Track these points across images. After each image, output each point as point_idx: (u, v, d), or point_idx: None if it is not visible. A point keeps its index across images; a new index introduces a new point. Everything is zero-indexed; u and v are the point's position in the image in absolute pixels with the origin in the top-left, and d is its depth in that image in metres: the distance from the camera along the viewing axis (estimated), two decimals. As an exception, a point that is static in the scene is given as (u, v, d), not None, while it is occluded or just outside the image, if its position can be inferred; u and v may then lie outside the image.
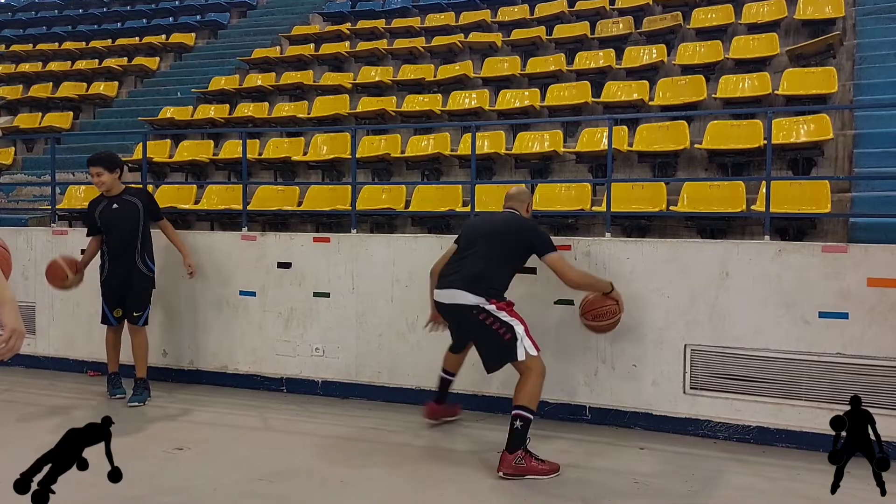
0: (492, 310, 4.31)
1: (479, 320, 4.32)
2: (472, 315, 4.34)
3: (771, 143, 5.21)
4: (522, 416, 4.15)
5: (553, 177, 7.33)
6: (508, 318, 4.32)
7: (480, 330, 4.35)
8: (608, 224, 5.35)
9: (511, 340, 4.27)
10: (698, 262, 4.88)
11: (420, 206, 7.12)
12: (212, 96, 10.22)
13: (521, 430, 4.13)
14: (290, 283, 6.00)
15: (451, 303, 4.42)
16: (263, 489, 3.95)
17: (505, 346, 4.28)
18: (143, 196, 5.83)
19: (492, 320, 4.30)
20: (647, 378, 5.01)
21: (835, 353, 4.57)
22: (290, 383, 6.04)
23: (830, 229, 5.91)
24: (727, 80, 7.51)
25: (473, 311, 4.33)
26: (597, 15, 9.86)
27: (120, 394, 5.80)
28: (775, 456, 4.54)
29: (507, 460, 4.11)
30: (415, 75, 9.42)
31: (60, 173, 8.48)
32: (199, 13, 13.94)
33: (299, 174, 8.41)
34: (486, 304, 4.31)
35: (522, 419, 4.14)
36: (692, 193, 6.31)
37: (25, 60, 12.94)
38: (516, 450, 4.11)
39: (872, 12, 8.16)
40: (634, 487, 4.03)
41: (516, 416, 4.15)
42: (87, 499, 3.59)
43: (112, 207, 5.65)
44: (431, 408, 5.08)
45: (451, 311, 4.48)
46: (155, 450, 4.45)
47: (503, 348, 4.29)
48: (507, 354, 4.30)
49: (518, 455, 4.11)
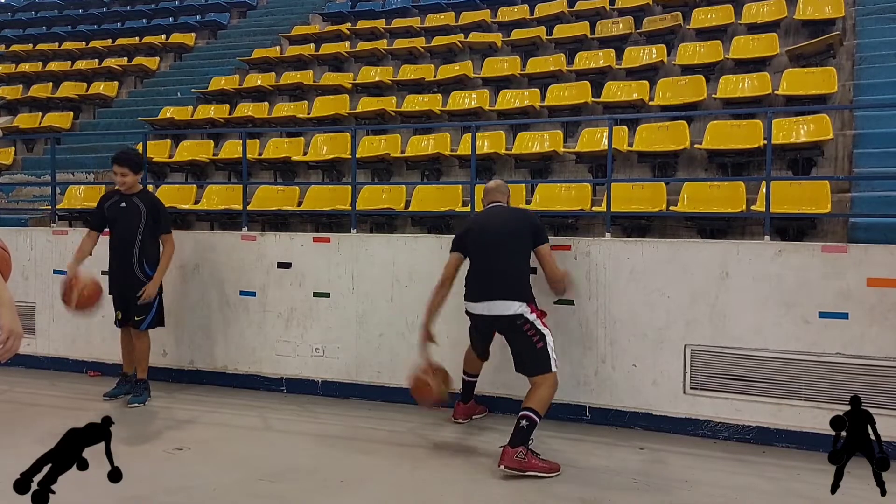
0: (532, 318, 4.39)
1: (522, 329, 4.38)
2: (515, 325, 4.40)
3: (771, 143, 5.22)
4: (529, 418, 4.19)
5: (553, 177, 7.33)
6: (542, 327, 4.40)
7: (520, 337, 4.41)
8: (608, 224, 5.35)
9: (543, 350, 4.35)
10: (698, 262, 4.88)
11: (420, 206, 7.12)
12: (212, 96, 10.23)
13: (525, 429, 4.17)
14: (290, 283, 6.00)
15: (493, 315, 4.45)
16: (263, 489, 3.95)
17: (538, 354, 4.35)
18: (148, 202, 5.71)
19: (528, 327, 4.37)
20: (647, 378, 5.01)
21: (834, 353, 4.57)
22: (290, 383, 6.04)
23: (830, 229, 5.91)
24: (727, 80, 7.52)
25: (517, 322, 4.39)
26: (597, 15, 9.87)
27: (112, 396, 5.75)
28: (775, 456, 4.54)
29: (509, 454, 4.13)
30: (415, 75, 9.42)
31: (60, 173, 8.48)
32: (199, 13, 13.95)
33: (299, 174, 8.41)
34: (528, 314, 4.38)
35: (529, 420, 4.19)
36: (692, 193, 6.31)
37: (25, 60, 12.95)
38: (518, 445, 4.14)
39: (872, 12, 8.16)
40: (634, 487, 4.03)
41: (524, 416, 4.20)
42: (87, 499, 3.59)
43: (120, 205, 5.67)
44: (460, 408, 5.19)
45: (492, 323, 4.51)
46: (155, 450, 4.45)
47: (538, 357, 4.36)
48: (542, 365, 4.35)
49: (520, 450, 4.13)
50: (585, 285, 5.11)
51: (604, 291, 5.08)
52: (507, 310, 4.38)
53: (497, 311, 4.41)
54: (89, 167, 9.16)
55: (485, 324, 4.57)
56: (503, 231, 4.55)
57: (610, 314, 5.06)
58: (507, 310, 4.38)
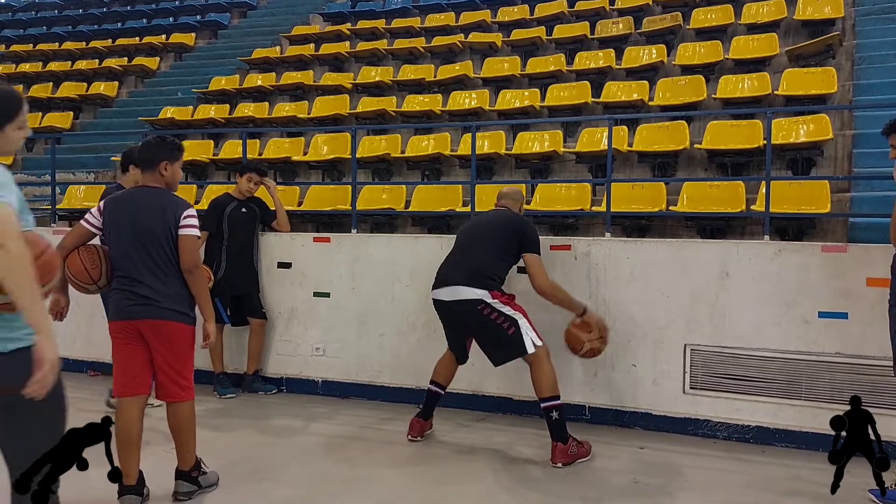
0: (494, 304, 4.33)
1: (483, 315, 4.33)
2: (475, 310, 4.34)
3: (770, 143, 5.22)
4: (554, 406, 4.28)
5: (553, 177, 7.33)
6: (511, 312, 4.36)
7: (484, 325, 4.37)
8: (608, 224, 5.35)
9: (516, 334, 4.31)
10: (698, 261, 4.89)
11: (420, 206, 7.13)
12: (212, 96, 10.23)
13: (559, 419, 4.27)
14: (291, 282, 6.00)
15: (452, 300, 4.42)
16: (264, 489, 3.95)
17: (511, 340, 4.32)
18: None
19: (495, 315, 4.32)
20: (647, 378, 5.01)
21: (834, 352, 4.57)
22: (290, 383, 6.04)
23: (830, 229, 5.92)
24: (727, 80, 7.52)
25: (477, 307, 4.34)
26: (597, 15, 9.88)
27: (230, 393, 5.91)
28: (775, 456, 4.54)
29: (561, 450, 4.24)
30: (415, 75, 9.43)
31: (60, 173, 8.49)
32: (199, 13, 13.97)
33: (299, 174, 8.41)
34: (489, 298, 4.33)
35: (556, 408, 4.27)
36: (692, 193, 6.31)
37: (26, 60, 12.96)
38: (565, 439, 4.24)
39: (872, 13, 8.17)
40: (634, 487, 4.03)
41: (549, 409, 4.28)
42: (88, 499, 3.59)
43: (241, 210, 6.02)
44: (417, 424, 4.78)
45: (452, 308, 4.47)
46: (155, 449, 4.45)
47: (510, 342, 4.33)
48: (516, 348, 4.33)
49: (571, 444, 4.26)
50: (585, 285, 5.11)
51: (604, 291, 5.08)
52: (466, 295, 4.33)
53: (458, 295, 4.37)
54: (89, 167, 9.17)
55: (447, 311, 4.51)
56: (484, 225, 4.60)
57: (610, 314, 5.05)
58: (466, 295, 4.33)
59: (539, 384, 4.33)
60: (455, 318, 4.54)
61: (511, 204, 4.80)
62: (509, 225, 4.54)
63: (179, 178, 3.86)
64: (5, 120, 2.35)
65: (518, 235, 4.49)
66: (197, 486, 3.79)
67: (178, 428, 3.74)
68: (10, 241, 2.13)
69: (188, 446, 3.77)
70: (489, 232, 4.54)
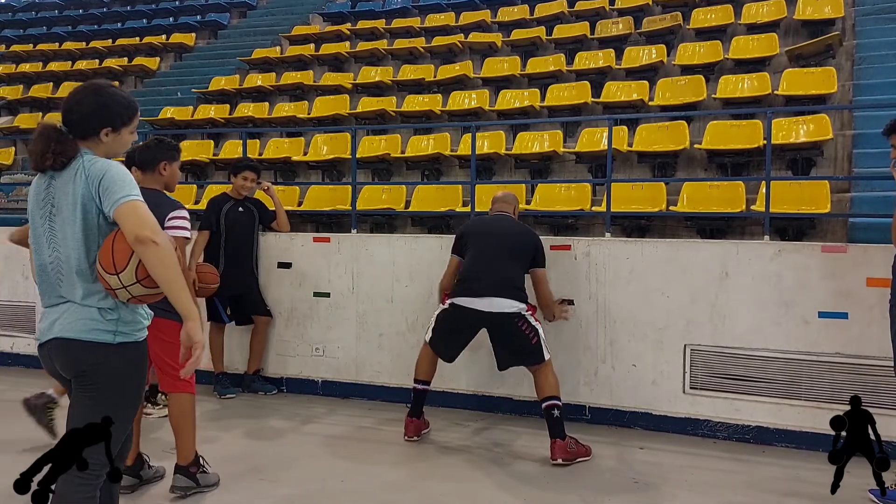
0: (528, 316, 4.48)
1: (518, 326, 4.44)
2: (513, 322, 4.45)
3: (770, 143, 5.22)
4: (555, 405, 4.36)
5: (553, 177, 7.33)
6: (535, 323, 4.50)
7: (515, 335, 4.47)
8: (608, 224, 5.35)
9: (538, 344, 4.46)
10: (698, 262, 4.89)
11: (420, 206, 7.12)
12: (212, 96, 10.23)
13: (560, 417, 4.34)
14: (291, 282, 6.00)
15: (491, 311, 4.45)
16: (264, 489, 3.95)
17: (533, 349, 4.46)
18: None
19: (527, 327, 4.46)
20: (647, 378, 5.01)
21: (834, 352, 4.57)
22: (289, 383, 6.04)
23: (830, 229, 5.92)
24: (727, 80, 7.52)
25: (515, 320, 4.44)
26: (597, 15, 9.87)
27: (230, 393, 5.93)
28: (775, 456, 4.54)
29: (561, 447, 4.29)
30: (415, 75, 9.43)
31: (60, 173, 8.46)
32: (199, 13, 13.96)
33: (299, 174, 8.41)
34: (526, 312, 4.47)
35: (557, 407, 4.36)
36: (692, 193, 6.31)
37: (26, 60, 12.95)
38: (564, 436, 4.30)
39: (872, 13, 8.16)
40: (634, 487, 4.03)
41: (551, 407, 4.35)
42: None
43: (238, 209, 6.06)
44: (412, 424, 4.79)
45: (491, 318, 4.49)
46: (155, 450, 4.44)
47: (532, 352, 4.47)
48: (534, 357, 4.47)
49: (570, 441, 4.32)
50: (585, 285, 5.12)
51: (604, 291, 5.08)
52: (506, 307, 4.43)
53: (498, 307, 4.44)
54: (89, 167, 9.14)
55: (480, 319, 4.54)
56: (506, 237, 4.65)
57: (610, 314, 5.06)
58: (506, 307, 4.43)
59: (544, 387, 4.43)
60: (490, 328, 4.59)
61: (508, 209, 4.90)
62: (526, 239, 4.68)
63: (178, 178, 3.98)
64: (122, 123, 2.55)
65: (533, 252, 4.65)
66: (194, 482, 3.80)
67: (175, 420, 3.81)
68: (157, 235, 2.36)
69: (186, 440, 3.80)
70: (509, 242, 4.63)
